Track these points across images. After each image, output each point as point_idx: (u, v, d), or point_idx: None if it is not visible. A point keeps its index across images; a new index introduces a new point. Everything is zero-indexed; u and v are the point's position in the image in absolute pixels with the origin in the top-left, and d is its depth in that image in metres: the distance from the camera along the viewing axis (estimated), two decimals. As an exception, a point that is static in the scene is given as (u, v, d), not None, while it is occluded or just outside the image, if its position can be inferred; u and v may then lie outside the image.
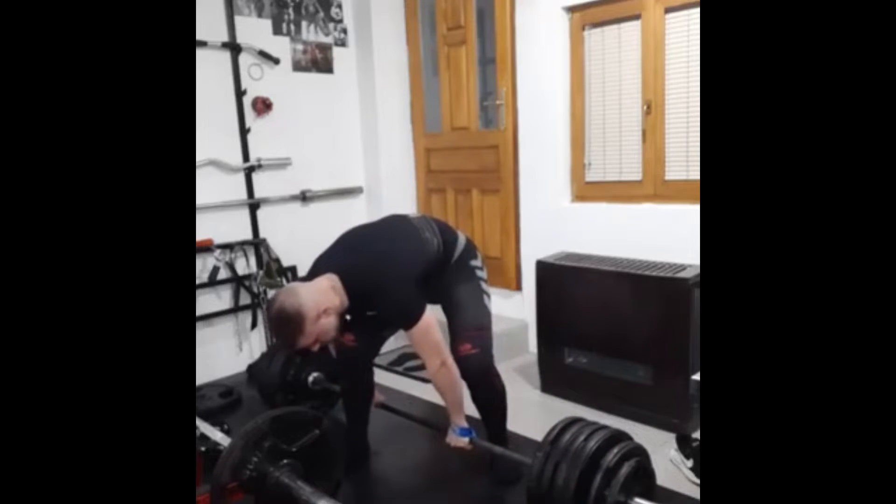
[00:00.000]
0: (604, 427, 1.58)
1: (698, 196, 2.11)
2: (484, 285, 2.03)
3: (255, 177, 3.26)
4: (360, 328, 2.02)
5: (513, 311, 3.33)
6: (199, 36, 2.93)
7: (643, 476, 1.56)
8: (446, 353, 1.84)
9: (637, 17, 2.69)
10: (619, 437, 1.57)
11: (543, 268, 2.70)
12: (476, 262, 2.04)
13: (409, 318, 1.77)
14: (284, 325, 1.71)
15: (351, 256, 1.86)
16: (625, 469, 1.48)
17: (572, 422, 1.61)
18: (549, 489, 1.49)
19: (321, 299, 1.73)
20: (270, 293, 3.25)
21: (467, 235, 2.10)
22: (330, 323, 1.75)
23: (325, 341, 1.81)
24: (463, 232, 2.10)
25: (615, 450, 1.50)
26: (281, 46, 3.29)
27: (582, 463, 1.47)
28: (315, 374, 2.45)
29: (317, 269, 1.86)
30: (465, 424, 1.92)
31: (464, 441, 1.91)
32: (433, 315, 1.81)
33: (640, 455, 1.55)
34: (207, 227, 3.03)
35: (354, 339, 2.04)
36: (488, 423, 2.08)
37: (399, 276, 1.79)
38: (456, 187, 3.60)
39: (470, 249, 2.04)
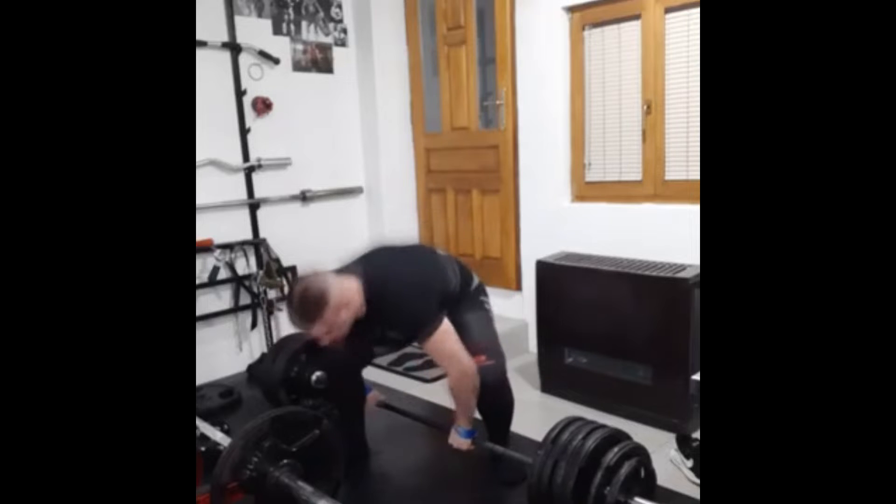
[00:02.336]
0: (602, 426, 1.58)
1: (698, 196, 2.11)
2: (491, 315, 2.07)
3: (255, 177, 3.26)
4: (354, 339, 2.03)
5: (513, 311, 3.33)
6: (199, 36, 2.93)
7: (644, 476, 1.56)
8: (467, 360, 1.83)
9: (637, 17, 2.69)
10: (618, 436, 1.57)
11: (543, 268, 2.70)
12: (485, 298, 2.09)
13: (426, 327, 1.79)
14: (305, 306, 1.71)
15: (377, 270, 1.87)
16: (625, 468, 1.48)
17: (572, 420, 1.61)
18: (549, 487, 1.49)
19: (347, 293, 1.75)
20: (270, 293, 3.25)
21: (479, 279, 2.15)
22: (347, 319, 1.76)
23: (334, 337, 1.81)
24: (476, 275, 2.15)
25: (616, 448, 1.50)
26: (281, 46, 3.29)
27: (581, 461, 1.47)
28: (318, 373, 2.45)
29: (342, 271, 1.87)
30: (470, 427, 1.92)
31: (466, 443, 1.91)
32: (449, 324, 1.82)
33: (640, 455, 1.55)
34: (207, 227, 3.03)
35: (347, 347, 2.04)
36: (491, 430, 2.09)
37: (419, 289, 1.82)
38: (456, 187, 3.60)
39: (482, 289, 2.11)
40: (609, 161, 2.91)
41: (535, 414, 2.57)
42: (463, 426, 1.92)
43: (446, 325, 1.81)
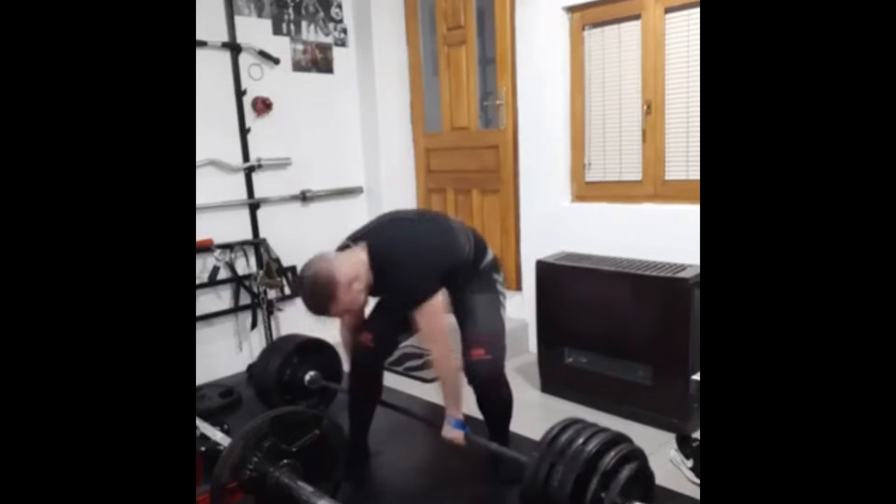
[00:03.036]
0: (603, 429, 1.57)
1: (698, 196, 2.11)
2: (502, 298, 2.06)
3: (255, 177, 3.26)
4: (378, 329, 2.04)
5: (513, 311, 3.31)
6: (199, 36, 2.93)
7: (642, 479, 1.55)
8: (450, 341, 1.84)
9: (637, 17, 2.69)
10: (619, 439, 1.56)
11: (543, 268, 2.70)
12: (498, 277, 2.07)
13: (418, 296, 1.79)
14: (318, 291, 1.74)
15: (382, 236, 1.89)
16: (624, 472, 1.47)
17: (570, 423, 1.60)
18: (544, 491, 1.48)
19: (353, 267, 1.77)
20: (270, 293, 3.25)
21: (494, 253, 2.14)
22: (360, 291, 1.79)
23: (353, 310, 1.85)
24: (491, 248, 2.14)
25: (613, 452, 1.49)
26: (281, 46, 3.29)
27: (579, 466, 1.46)
28: (312, 374, 2.46)
29: (349, 241, 1.89)
30: (460, 417, 1.92)
31: (460, 434, 1.90)
32: (444, 300, 1.83)
33: (639, 458, 1.54)
34: (207, 227, 3.03)
35: (372, 339, 2.05)
36: (491, 428, 2.09)
37: (418, 258, 1.82)
38: (456, 187, 3.60)
39: (495, 264, 2.08)
40: (609, 161, 2.91)
41: (535, 414, 2.57)
42: (454, 416, 1.91)
43: (438, 300, 1.81)
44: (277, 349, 2.49)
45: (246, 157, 3.21)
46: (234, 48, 3.10)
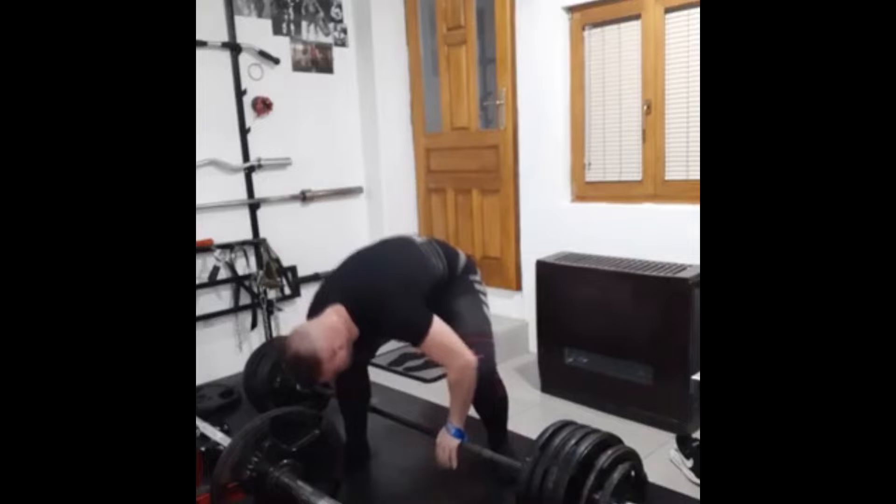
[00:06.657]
0: (595, 431, 1.57)
1: (698, 196, 2.11)
2: (483, 297, 2.06)
3: (255, 177, 3.26)
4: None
5: (513, 311, 3.33)
6: (199, 36, 2.93)
7: (636, 481, 1.55)
8: (467, 352, 1.82)
9: (637, 17, 2.69)
10: (611, 440, 1.56)
11: (543, 268, 2.70)
12: (475, 277, 2.08)
13: (419, 333, 1.78)
14: (303, 370, 1.74)
15: (355, 282, 1.87)
16: (618, 472, 1.47)
17: (563, 425, 1.61)
18: (539, 493, 1.48)
19: (333, 337, 1.74)
20: (270, 293, 3.25)
21: (467, 254, 2.13)
22: (344, 356, 1.77)
23: (341, 371, 1.83)
24: (462, 251, 2.14)
25: (609, 452, 1.50)
26: (281, 46, 3.29)
27: (572, 468, 1.46)
28: None
29: (322, 298, 1.87)
30: (461, 427, 1.92)
31: (455, 443, 1.90)
32: (441, 321, 1.82)
33: (632, 459, 1.55)
34: (207, 227, 3.03)
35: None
36: (489, 427, 2.09)
37: (402, 292, 1.81)
38: (456, 187, 3.60)
39: (470, 266, 2.09)
40: (609, 161, 2.91)
41: (535, 414, 2.57)
42: (455, 425, 1.91)
43: (438, 323, 1.80)
44: (266, 355, 2.49)
45: (246, 157, 3.21)
46: (234, 48, 3.10)
